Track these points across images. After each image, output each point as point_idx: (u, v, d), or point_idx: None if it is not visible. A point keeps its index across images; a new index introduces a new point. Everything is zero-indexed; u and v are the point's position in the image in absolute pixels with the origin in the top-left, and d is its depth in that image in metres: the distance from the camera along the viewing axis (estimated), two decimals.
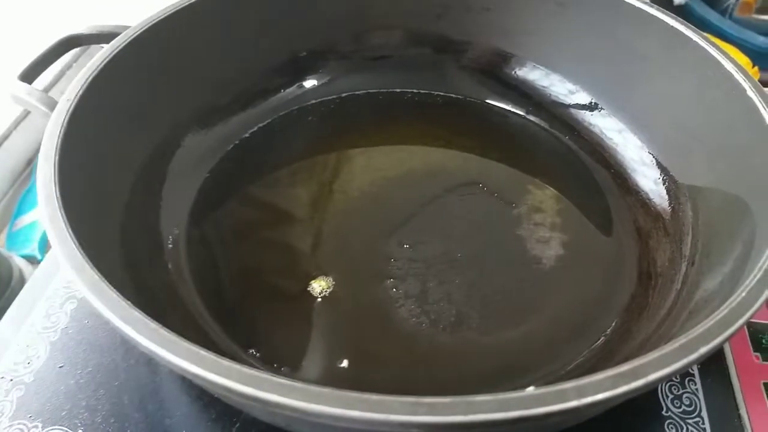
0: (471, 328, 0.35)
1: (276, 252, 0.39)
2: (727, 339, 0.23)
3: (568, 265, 0.38)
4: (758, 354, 0.35)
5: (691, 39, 0.39)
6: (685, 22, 0.39)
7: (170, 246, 0.38)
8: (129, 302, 0.24)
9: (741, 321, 0.23)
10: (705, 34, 0.38)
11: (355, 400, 0.21)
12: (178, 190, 0.41)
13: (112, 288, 0.25)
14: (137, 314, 0.23)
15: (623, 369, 0.22)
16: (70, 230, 0.27)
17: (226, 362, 0.22)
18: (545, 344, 0.34)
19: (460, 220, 0.41)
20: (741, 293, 0.24)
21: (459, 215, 0.41)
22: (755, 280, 0.25)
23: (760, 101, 0.34)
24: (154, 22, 0.39)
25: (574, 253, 0.39)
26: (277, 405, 0.21)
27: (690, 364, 0.22)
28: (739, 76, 0.35)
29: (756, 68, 0.88)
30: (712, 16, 1.03)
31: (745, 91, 0.35)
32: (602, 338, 0.34)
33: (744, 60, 0.88)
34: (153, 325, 0.23)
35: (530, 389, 0.21)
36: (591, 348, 0.34)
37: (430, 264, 0.38)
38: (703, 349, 0.23)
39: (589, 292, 0.37)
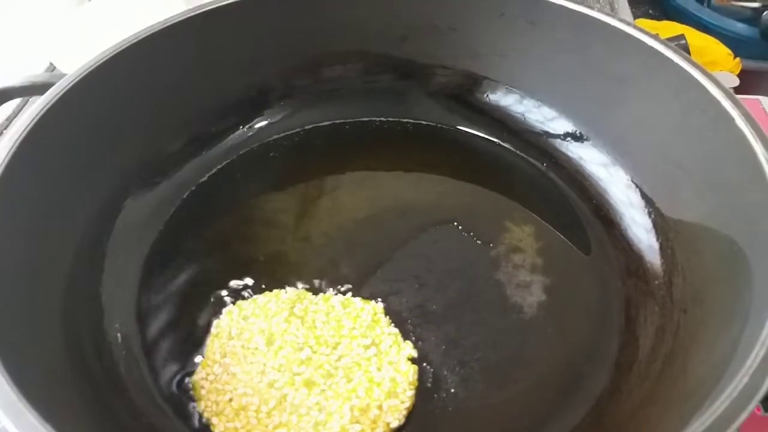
0: (448, 394, 0.32)
1: None
2: None
3: (552, 312, 0.36)
4: (760, 405, 0.32)
5: (671, 60, 0.36)
6: (665, 41, 0.36)
7: (118, 336, 0.34)
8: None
9: (742, 415, 0.21)
10: (687, 58, 0.35)
11: None
12: (126, 252, 0.38)
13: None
14: None
15: None
16: None
17: None
18: (529, 409, 0.32)
19: (435, 265, 0.38)
20: (741, 381, 0.22)
21: (433, 259, 0.39)
22: (758, 361, 0.22)
23: (750, 132, 0.30)
24: (90, 69, 0.36)
25: (557, 299, 0.36)
26: None
27: None
28: (726, 103, 0.32)
29: (738, 59, 0.86)
30: (691, 5, 1.01)
31: (734, 120, 0.31)
32: (591, 400, 0.31)
33: (724, 51, 0.86)
34: None
35: None
36: (578, 411, 0.31)
37: (404, 319, 0.35)
38: None
39: (575, 343, 0.34)
